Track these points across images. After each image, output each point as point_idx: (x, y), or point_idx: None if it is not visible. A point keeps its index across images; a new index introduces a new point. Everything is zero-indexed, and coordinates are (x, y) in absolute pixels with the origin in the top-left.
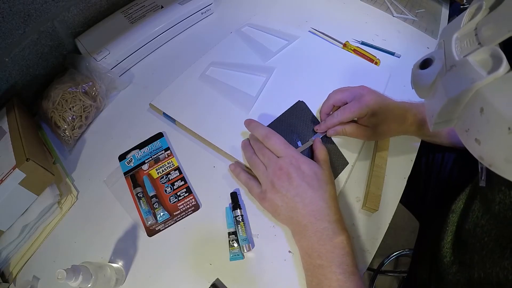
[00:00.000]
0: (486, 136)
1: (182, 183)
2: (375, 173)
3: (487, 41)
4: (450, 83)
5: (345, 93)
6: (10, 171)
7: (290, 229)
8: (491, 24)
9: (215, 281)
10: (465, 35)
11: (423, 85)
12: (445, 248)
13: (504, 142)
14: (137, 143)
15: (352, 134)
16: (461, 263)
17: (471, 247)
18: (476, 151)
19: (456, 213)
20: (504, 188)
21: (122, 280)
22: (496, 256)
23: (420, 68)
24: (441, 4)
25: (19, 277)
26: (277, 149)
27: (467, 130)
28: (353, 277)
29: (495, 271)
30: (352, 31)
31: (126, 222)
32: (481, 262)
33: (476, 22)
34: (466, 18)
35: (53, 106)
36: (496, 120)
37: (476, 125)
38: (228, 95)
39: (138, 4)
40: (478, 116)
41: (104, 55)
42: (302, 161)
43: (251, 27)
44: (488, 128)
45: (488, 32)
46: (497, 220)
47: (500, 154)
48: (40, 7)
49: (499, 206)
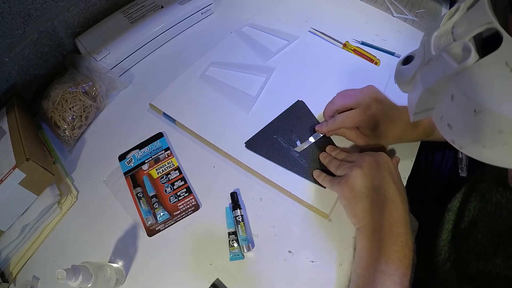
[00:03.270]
0: (456, 120)
1: (182, 183)
2: None
3: (460, 36)
4: (426, 75)
5: (351, 99)
6: (10, 171)
7: (359, 225)
8: (465, 22)
9: (215, 281)
10: (443, 33)
11: (404, 80)
12: (441, 246)
13: (471, 123)
14: (137, 143)
15: (351, 139)
16: (455, 260)
17: (465, 244)
18: (448, 135)
19: (453, 212)
20: (501, 189)
21: (122, 280)
22: (489, 253)
23: (402, 64)
24: (441, 4)
25: (19, 277)
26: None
27: (441, 117)
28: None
29: (488, 268)
30: (352, 31)
31: (126, 222)
32: (474, 259)
33: (454, 21)
34: (445, 18)
35: (53, 106)
36: (464, 104)
37: (448, 111)
38: (228, 95)
39: (138, 4)
40: (449, 103)
41: (104, 55)
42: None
43: (251, 27)
44: (458, 112)
45: (462, 28)
46: (491, 219)
47: (468, 135)
48: (40, 7)
49: (495, 206)
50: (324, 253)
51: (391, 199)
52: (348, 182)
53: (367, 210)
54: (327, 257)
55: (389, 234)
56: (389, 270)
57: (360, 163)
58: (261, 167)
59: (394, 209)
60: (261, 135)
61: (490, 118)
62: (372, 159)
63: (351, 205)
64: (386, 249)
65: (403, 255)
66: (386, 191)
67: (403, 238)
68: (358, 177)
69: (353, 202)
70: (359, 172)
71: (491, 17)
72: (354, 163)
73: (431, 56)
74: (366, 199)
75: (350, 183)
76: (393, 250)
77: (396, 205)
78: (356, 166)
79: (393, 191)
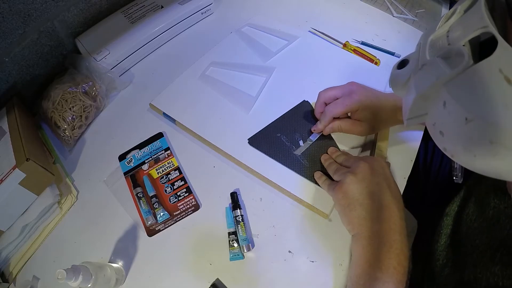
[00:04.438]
0: (448, 127)
1: (182, 183)
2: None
3: (455, 41)
4: (420, 80)
5: (335, 90)
6: (10, 171)
7: (354, 232)
8: (460, 25)
9: (215, 281)
10: (438, 37)
11: (399, 84)
12: (439, 251)
13: (462, 132)
14: (137, 143)
15: (349, 130)
16: (453, 265)
17: (463, 249)
18: (440, 142)
19: (451, 216)
20: (500, 194)
21: (122, 280)
22: (487, 259)
23: (397, 68)
24: (441, 4)
25: (19, 277)
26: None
27: (434, 124)
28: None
29: (486, 276)
30: (352, 31)
31: (126, 222)
32: (472, 265)
33: (450, 25)
34: (441, 22)
35: (53, 106)
36: (455, 112)
37: (440, 118)
38: (228, 95)
39: (138, 4)
40: (442, 110)
41: (104, 55)
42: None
43: (251, 27)
44: (450, 119)
45: (457, 33)
46: (489, 224)
47: (459, 143)
48: (40, 7)
49: (493, 211)
50: (324, 253)
51: (386, 206)
52: (342, 189)
53: (362, 217)
54: (327, 257)
55: (384, 241)
56: (384, 277)
57: (354, 170)
58: (261, 167)
59: (389, 216)
60: (265, 132)
61: (481, 127)
62: (366, 165)
63: (345, 212)
64: (381, 256)
65: (398, 262)
66: (381, 198)
67: (398, 245)
68: (352, 184)
69: (347, 209)
70: (353, 178)
71: (487, 21)
72: (349, 169)
73: (425, 60)
74: (360, 206)
75: (343, 190)
76: (388, 257)
77: (391, 212)
78: (350, 172)
79: (388, 198)
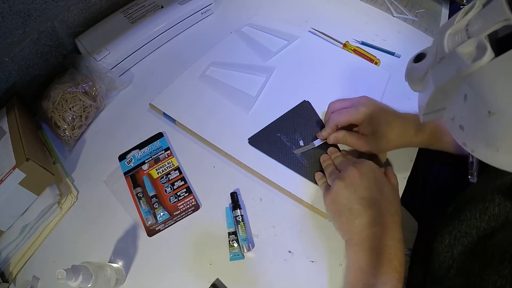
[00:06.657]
0: (468, 121)
1: (182, 183)
2: None
3: (475, 34)
4: (439, 74)
5: (345, 101)
6: (10, 171)
7: (345, 238)
8: (480, 19)
9: (215, 281)
10: (457, 31)
11: (416, 78)
12: (443, 252)
13: (485, 125)
14: (137, 143)
15: (353, 144)
16: (459, 267)
17: (469, 250)
18: (460, 137)
19: (451, 216)
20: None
21: (122, 280)
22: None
23: (414, 62)
24: (441, 4)
25: (19, 277)
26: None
27: (453, 118)
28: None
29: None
30: (352, 31)
31: (126, 222)
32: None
33: (468, 19)
34: (460, 15)
35: (53, 106)
36: (477, 105)
37: (460, 112)
38: (228, 95)
39: (138, 4)
40: (462, 103)
41: (104, 55)
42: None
43: (251, 27)
44: (471, 113)
45: (477, 26)
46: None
47: (481, 138)
48: (40, 7)
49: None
50: (324, 253)
51: (377, 211)
52: (330, 195)
53: (351, 223)
54: (327, 257)
55: (375, 247)
56: (378, 283)
57: (342, 175)
58: (261, 167)
59: (381, 220)
60: (265, 132)
61: (505, 120)
62: (354, 170)
63: (335, 217)
64: (373, 262)
65: (392, 268)
66: (371, 203)
67: (392, 250)
68: (339, 189)
69: (336, 214)
70: (341, 184)
71: (508, 14)
72: (339, 174)
73: (444, 54)
74: (348, 212)
75: (331, 196)
76: (381, 263)
77: (383, 217)
78: (338, 178)
79: (379, 202)
